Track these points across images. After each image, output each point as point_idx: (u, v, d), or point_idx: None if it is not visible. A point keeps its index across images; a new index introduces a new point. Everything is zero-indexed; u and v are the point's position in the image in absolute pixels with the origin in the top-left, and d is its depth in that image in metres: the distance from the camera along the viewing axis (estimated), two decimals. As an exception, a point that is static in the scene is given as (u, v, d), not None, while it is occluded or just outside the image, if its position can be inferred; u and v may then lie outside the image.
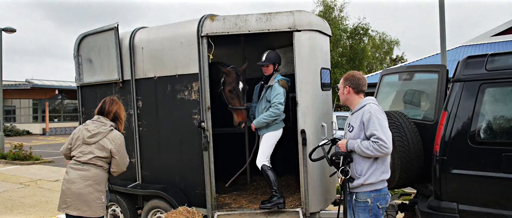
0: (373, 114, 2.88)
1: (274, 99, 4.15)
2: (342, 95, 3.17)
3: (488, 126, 3.13)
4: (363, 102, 3.02)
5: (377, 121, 2.85)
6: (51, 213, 6.61)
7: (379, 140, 2.79)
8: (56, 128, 30.75)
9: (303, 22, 4.00)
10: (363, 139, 2.91)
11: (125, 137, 4.78)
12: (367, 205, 2.94)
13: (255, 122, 4.28)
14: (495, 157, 2.98)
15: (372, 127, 2.84)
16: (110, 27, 4.74)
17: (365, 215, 2.95)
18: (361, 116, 2.94)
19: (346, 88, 3.11)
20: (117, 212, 4.87)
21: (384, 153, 2.82)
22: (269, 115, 4.16)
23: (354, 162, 2.96)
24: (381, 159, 2.93)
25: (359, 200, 2.96)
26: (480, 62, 3.20)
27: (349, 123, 3.10)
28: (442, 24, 6.03)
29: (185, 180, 4.43)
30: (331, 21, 28.31)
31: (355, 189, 2.96)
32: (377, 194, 2.95)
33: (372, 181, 2.91)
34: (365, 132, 2.90)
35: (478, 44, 17.88)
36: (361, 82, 3.08)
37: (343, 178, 2.95)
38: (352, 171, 2.96)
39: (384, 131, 2.83)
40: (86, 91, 5.25)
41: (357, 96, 3.09)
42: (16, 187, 8.95)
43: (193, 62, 4.18)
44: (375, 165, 2.92)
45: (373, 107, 2.94)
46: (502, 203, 2.96)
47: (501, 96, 3.14)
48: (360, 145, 2.87)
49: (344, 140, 3.06)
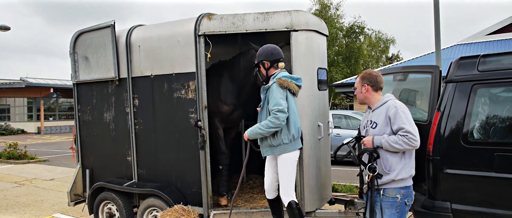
0: (398, 108, 2.89)
1: (271, 105, 3.41)
2: (360, 94, 3.15)
3: (481, 126, 3.17)
4: (385, 99, 3.04)
5: (404, 115, 2.86)
6: (46, 212, 6.59)
7: (408, 133, 2.79)
8: (51, 127, 30.59)
9: (301, 22, 4.02)
10: (389, 134, 2.90)
11: (121, 135, 4.81)
12: (395, 201, 2.91)
13: (249, 131, 3.53)
14: (487, 156, 3.02)
15: (399, 121, 2.84)
16: (106, 24, 4.74)
17: (392, 211, 2.93)
18: (385, 111, 2.95)
19: (364, 87, 3.11)
20: (113, 210, 4.87)
21: (413, 146, 2.82)
22: (265, 125, 3.40)
23: (382, 158, 2.94)
24: (409, 154, 2.93)
25: (388, 195, 2.93)
26: (472, 63, 3.24)
27: (371, 120, 3.07)
28: (436, 24, 6.07)
29: (181, 178, 4.44)
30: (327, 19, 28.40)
31: (384, 185, 2.94)
32: (407, 190, 2.94)
33: (403, 177, 2.90)
34: (391, 127, 2.89)
35: (473, 43, 18.01)
36: (379, 80, 3.10)
37: (371, 175, 2.92)
38: (379, 167, 2.94)
39: (412, 124, 2.84)
40: (82, 89, 5.24)
41: (376, 94, 3.10)
42: (10, 186, 8.91)
43: (190, 61, 4.19)
44: (403, 160, 2.91)
45: (398, 102, 2.96)
46: (494, 202, 3.00)
47: (493, 97, 3.19)
48: (388, 140, 2.86)
49: (369, 137, 3.01)
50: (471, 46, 17.37)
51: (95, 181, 5.10)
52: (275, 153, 3.56)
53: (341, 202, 4.58)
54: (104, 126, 5.02)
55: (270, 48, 3.64)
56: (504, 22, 17.57)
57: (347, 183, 7.58)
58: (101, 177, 5.10)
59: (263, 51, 3.64)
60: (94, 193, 4.98)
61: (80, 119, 5.30)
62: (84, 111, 5.24)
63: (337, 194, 5.28)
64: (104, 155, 5.09)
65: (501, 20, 17.78)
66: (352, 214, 4.24)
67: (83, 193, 5.38)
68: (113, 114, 4.90)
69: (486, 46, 16.75)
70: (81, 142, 5.32)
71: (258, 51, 3.72)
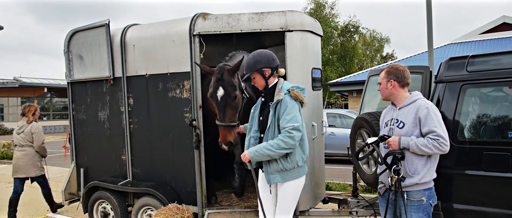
0: (430, 109, 2.75)
1: (284, 122, 2.86)
2: (385, 91, 2.97)
3: (470, 125, 3.22)
4: (414, 97, 2.89)
5: (435, 117, 2.73)
6: (40, 211, 6.58)
7: (439, 138, 2.67)
8: (45, 126, 30.34)
9: (295, 22, 4.04)
10: (417, 135, 2.77)
11: (116, 134, 4.80)
12: (421, 204, 2.80)
13: (252, 151, 2.91)
14: (476, 155, 3.07)
15: (431, 123, 2.71)
16: (101, 23, 4.74)
17: (419, 214, 2.81)
18: (415, 111, 2.80)
19: (390, 82, 2.93)
20: (108, 209, 4.88)
21: (443, 151, 2.70)
22: (277, 145, 2.81)
23: (406, 160, 2.79)
24: (434, 158, 2.82)
25: (412, 199, 2.80)
26: (461, 63, 3.29)
27: (397, 119, 2.91)
28: (429, 23, 6.13)
29: (176, 178, 4.46)
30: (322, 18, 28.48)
31: (407, 188, 2.80)
32: (430, 191, 2.85)
33: (427, 180, 2.80)
34: (420, 129, 2.75)
35: (466, 42, 18.16)
36: (406, 75, 2.92)
37: (396, 178, 2.76)
38: (403, 169, 2.79)
39: (443, 128, 2.72)
40: (77, 87, 5.24)
41: (403, 90, 2.93)
42: (4, 186, 8.86)
43: (185, 60, 4.20)
44: (429, 164, 2.80)
45: (429, 103, 2.81)
46: (483, 200, 3.05)
47: (481, 97, 3.25)
48: (416, 142, 2.71)
49: (395, 137, 2.84)
50: (464, 46, 17.51)
51: (90, 179, 5.10)
52: (287, 180, 2.97)
53: (335, 201, 4.62)
54: (98, 125, 5.01)
55: (267, 53, 3.10)
56: (497, 21, 17.73)
57: (341, 182, 7.63)
58: (95, 175, 5.10)
59: (262, 57, 3.06)
60: (89, 192, 4.98)
61: (74, 118, 5.29)
62: (79, 110, 5.24)
63: (331, 193, 5.33)
64: (98, 154, 5.09)
65: (494, 19, 17.96)
66: (346, 213, 4.29)
67: (77, 192, 5.37)
68: (108, 113, 4.90)
69: (479, 45, 16.90)
70: (76, 141, 5.32)
71: (251, 58, 3.08)
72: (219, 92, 3.36)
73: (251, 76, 3.07)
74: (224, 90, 3.36)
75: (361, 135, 4.03)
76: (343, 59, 29.58)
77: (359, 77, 17.05)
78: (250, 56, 3.12)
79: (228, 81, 3.40)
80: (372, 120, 3.70)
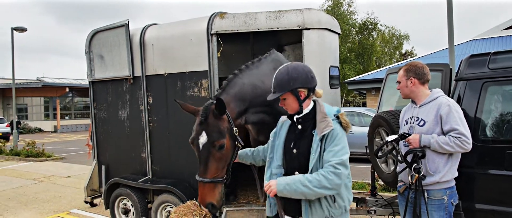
0: (452, 107, 2.70)
1: (332, 155, 2.20)
2: (405, 89, 2.92)
3: (492, 123, 3.14)
4: (435, 94, 2.85)
5: (457, 115, 2.68)
6: (64, 207, 6.77)
7: (461, 136, 2.62)
8: (67, 125, 31.20)
9: (312, 20, 4.04)
10: (439, 133, 2.72)
11: (136, 132, 4.90)
12: (442, 203, 2.75)
13: (282, 184, 2.23)
14: (499, 155, 3.00)
15: (453, 121, 2.66)
16: (121, 23, 4.84)
17: (440, 213, 2.75)
18: (436, 109, 2.75)
19: (410, 80, 2.88)
20: (128, 205, 4.98)
21: (465, 150, 2.65)
22: (317, 182, 2.14)
23: (427, 159, 2.75)
24: (456, 156, 2.77)
25: (433, 197, 2.76)
26: (482, 61, 3.21)
27: (417, 117, 2.87)
28: (450, 20, 5.99)
29: (194, 175, 4.49)
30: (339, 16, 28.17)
31: (428, 186, 2.75)
32: (451, 190, 2.80)
33: (448, 178, 2.75)
34: (441, 126, 2.71)
35: (489, 38, 17.62)
36: (426, 71, 2.88)
37: (417, 176, 2.70)
38: (424, 167, 2.74)
39: (465, 126, 2.67)
40: (98, 87, 5.37)
41: (423, 88, 2.89)
42: (30, 183, 9.16)
43: (202, 59, 4.25)
44: (450, 162, 2.75)
45: (450, 100, 2.76)
46: (506, 200, 2.97)
47: (504, 95, 3.16)
48: (438, 140, 2.67)
49: (416, 135, 2.79)
50: (487, 42, 17.00)
51: (111, 176, 5.23)
52: None
53: (353, 200, 4.58)
54: (119, 123, 5.13)
55: (306, 69, 2.38)
56: (522, 16, 17.16)
57: (359, 180, 7.57)
58: (116, 173, 5.23)
59: (299, 74, 2.33)
60: (110, 189, 5.11)
61: (96, 116, 5.43)
62: (100, 109, 5.37)
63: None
64: (119, 152, 5.21)
65: (518, 14, 17.37)
66: (364, 212, 4.25)
67: (99, 188, 5.52)
68: (128, 111, 5.01)
69: (503, 41, 16.37)
70: (97, 139, 5.45)
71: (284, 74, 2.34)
72: (202, 139, 2.63)
73: (281, 97, 2.37)
74: (208, 137, 2.62)
75: (379, 134, 3.99)
76: (361, 57, 29.20)
77: (378, 75, 16.80)
78: (282, 71, 2.37)
79: (213, 125, 2.64)
80: (390, 118, 3.65)
